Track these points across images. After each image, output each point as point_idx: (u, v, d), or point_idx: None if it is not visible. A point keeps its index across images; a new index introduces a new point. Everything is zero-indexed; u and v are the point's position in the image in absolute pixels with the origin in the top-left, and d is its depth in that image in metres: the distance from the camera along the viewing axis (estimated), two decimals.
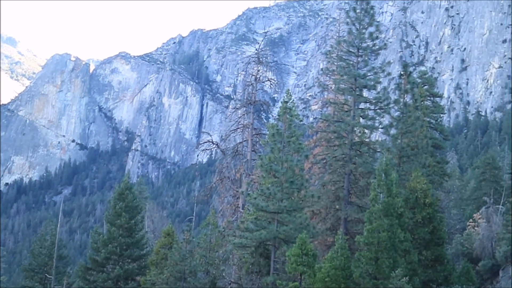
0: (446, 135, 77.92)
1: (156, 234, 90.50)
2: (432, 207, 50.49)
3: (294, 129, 50.91)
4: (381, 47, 60.16)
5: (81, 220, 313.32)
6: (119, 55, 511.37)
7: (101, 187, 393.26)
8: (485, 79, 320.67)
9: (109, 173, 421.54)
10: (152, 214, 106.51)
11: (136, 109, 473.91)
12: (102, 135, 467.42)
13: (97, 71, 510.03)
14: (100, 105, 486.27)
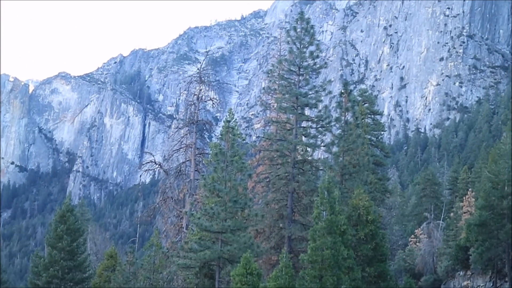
0: (386, 152, 78.78)
1: (99, 256, 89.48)
2: (374, 224, 50.80)
3: (237, 148, 50.88)
4: (322, 65, 60.60)
5: (21, 243, 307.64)
6: (59, 75, 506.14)
7: (41, 210, 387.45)
8: (424, 96, 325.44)
9: (50, 195, 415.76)
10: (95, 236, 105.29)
11: (77, 129, 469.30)
12: (42, 156, 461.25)
13: (37, 92, 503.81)
14: (40, 126, 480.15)
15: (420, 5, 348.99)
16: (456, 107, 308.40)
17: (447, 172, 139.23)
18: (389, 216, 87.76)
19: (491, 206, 63.98)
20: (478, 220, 65.46)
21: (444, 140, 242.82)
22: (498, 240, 63.92)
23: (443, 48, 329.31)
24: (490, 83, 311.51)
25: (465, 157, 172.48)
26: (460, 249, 72.67)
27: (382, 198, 71.40)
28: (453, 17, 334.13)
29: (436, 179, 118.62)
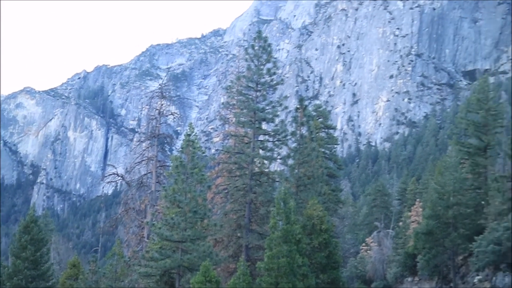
0: (339, 165, 79.23)
1: (62, 265, 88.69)
2: (327, 233, 51.09)
3: (197, 161, 50.85)
4: (278, 82, 60.77)
5: None
6: (24, 90, 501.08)
7: (5, 221, 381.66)
8: (375, 111, 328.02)
9: (14, 206, 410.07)
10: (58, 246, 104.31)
11: (42, 143, 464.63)
12: (7, 168, 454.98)
13: (2, 106, 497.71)
14: (4, 139, 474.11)
15: (372, 25, 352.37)
16: (405, 122, 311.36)
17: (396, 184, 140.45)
18: (342, 225, 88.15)
19: (437, 216, 64.73)
20: (425, 228, 66.19)
21: (393, 153, 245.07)
22: (444, 248, 64.68)
23: (393, 66, 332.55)
24: (437, 100, 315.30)
25: (413, 169, 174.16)
26: (408, 256, 73.32)
27: (335, 208, 71.75)
28: (402, 37, 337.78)
29: (386, 190, 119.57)
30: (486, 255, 50.22)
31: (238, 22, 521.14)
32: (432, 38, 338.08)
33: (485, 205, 64.05)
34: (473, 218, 64.55)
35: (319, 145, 67.55)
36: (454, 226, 64.20)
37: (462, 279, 65.59)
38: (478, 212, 65.04)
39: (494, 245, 49.32)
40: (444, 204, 64.75)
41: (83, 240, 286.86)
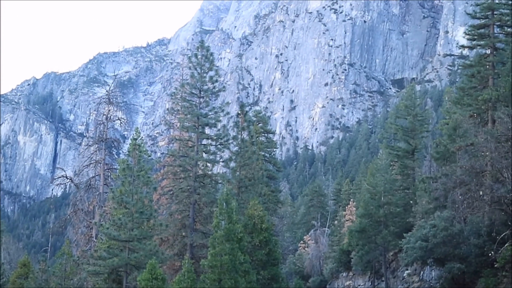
0: (278, 167, 79.48)
1: (13, 265, 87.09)
2: (268, 232, 51.15)
3: (143, 164, 50.46)
4: (221, 89, 60.73)
5: None
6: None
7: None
8: (311, 117, 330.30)
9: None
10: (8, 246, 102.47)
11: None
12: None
13: None
14: None
15: (308, 36, 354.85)
16: (339, 127, 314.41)
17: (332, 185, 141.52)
18: (281, 224, 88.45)
19: (370, 215, 65.45)
20: (358, 227, 66.85)
21: (329, 156, 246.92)
22: (376, 245, 65.41)
23: (327, 74, 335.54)
24: (368, 106, 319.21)
25: (347, 171, 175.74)
26: (343, 253, 73.95)
27: (274, 208, 71.92)
28: (336, 47, 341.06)
29: (322, 191, 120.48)
30: (414, 251, 50.78)
31: (182, 32, 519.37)
32: (364, 48, 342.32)
33: (413, 204, 64.98)
34: (402, 217, 65.46)
35: (259, 148, 67.67)
36: (385, 224, 64.98)
37: (392, 274, 66.36)
38: (407, 211, 65.98)
39: (421, 242, 49.91)
40: (375, 203, 65.49)
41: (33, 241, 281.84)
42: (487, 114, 54.90)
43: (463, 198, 50.38)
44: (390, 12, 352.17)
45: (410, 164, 73.82)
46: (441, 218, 50.60)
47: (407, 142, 74.09)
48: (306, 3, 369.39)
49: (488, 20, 57.68)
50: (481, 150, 49.13)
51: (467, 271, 48.39)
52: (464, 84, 59.69)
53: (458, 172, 51.09)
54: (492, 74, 55.75)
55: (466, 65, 59.73)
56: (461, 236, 49.17)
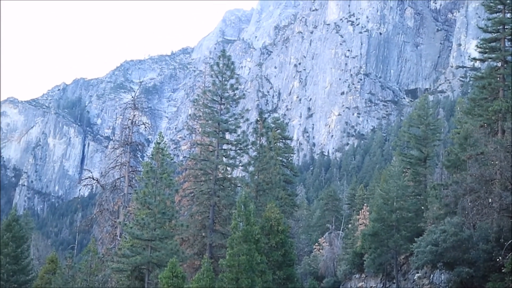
0: (295, 172, 79.42)
1: (41, 261, 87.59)
2: (284, 233, 51.13)
3: (166, 167, 50.68)
4: (241, 96, 60.80)
5: None
6: (8, 100, 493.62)
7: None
8: (327, 124, 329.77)
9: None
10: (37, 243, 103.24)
11: (23, 148, 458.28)
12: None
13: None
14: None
15: (325, 47, 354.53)
16: (354, 134, 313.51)
17: (346, 190, 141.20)
18: (297, 226, 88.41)
19: (382, 219, 65.23)
20: (371, 230, 66.63)
21: (344, 162, 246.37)
22: (388, 248, 65.15)
23: (344, 84, 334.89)
24: (383, 115, 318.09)
25: (361, 177, 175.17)
26: (356, 255, 73.74)
27: (291, 211, 71.86)
28: (352, 58, 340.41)
29: (337, 195, 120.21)
30: (425, 255, 50.60)
31: (205, 41, 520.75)
32: (379, 59, 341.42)
33: (424, 210, 64.70)
34: (414, 222, 65.17)
35: (277, 154, 67.65)
36: (397, 229, 64.72)
37: (403, 276, 66.06)
38: (418, 216, 65.70)
39: (432, 246, 49.73)
40: (388, 208, 65.26)
41: (61, 238, 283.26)
42: (497, 124, 54.62)
43: (473, 205, 50.18)
44: (405, 25, 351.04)
45: (422, 171, 73.56)
46: (451, 223, 50.39)
47: (419, 150, 73.82)
48: (324, 15, 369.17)
49: (499, 34, 57.45)
50: (491, 159, 48.92)
51: (476, 275, 48.13)
52: (475, 95, 59.41)
53: (468, 180, 50.88)
54: (503, 86, 55.51)
55: (478, 77, 59.49)
56: (470, 241, 48.94)
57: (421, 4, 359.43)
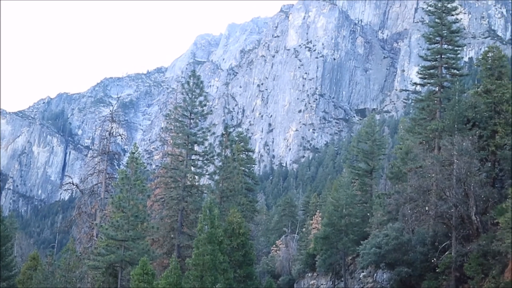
0: (256, 181, 79.44)
1: (24, 258, 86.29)
2: (245, 236, 51.14)
3: (139, 174, 50.46)
4: (208, 112, 61.05)
5: None
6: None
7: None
8: (286, 139, 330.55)
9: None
10: (21, 242, 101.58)
11: (10, 155, 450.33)
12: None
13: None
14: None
15: (285, 69, 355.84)
16: (309, 148, 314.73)
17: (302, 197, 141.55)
18: (257, 230, 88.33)
19: (333, 224, 65.58)
20: (323, 234, 66.96)
21: (300, 173, 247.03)
22: (337, 250, 65.53)
23: (301, 103, 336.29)
24: (335, 131, 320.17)
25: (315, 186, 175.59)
26: (309, 256, 73.92)
27: (251, 216, 71.88)
28: (309, 80, 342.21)
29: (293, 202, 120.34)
30: (369, 256, 51.01)
31: (177, 62, 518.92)
32: (332, 82, 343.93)
33: (370, 216, 65.26)
34: (360, 226, 65.68)
35: (240, 164, 67.70)
36: (345, 233, 65.13)
37: (350, 275, 66.44)
38: (364, 222, 66.23)
39: (375, 248, 50.16)
40: (338, 214, 65.66)
41: (43, 238, 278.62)
42: (434, 141, 55.40)
43: (412, 212, 50.75)
44: (356, 52, 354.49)
45: (368, 182, 74.22)
46: (393, 228, 50.92)
47: (366, 163, 74.49)
48: (285, 41, 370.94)
49: (437, 62, 58.40)
50: (428, 172, 49.54)
51: (413, 275, 48.67)
52: (415, 115, 60.22)
53: (408, 190, 51.49)
54: (439, 108, 56.36)
55: (418, 100, 60.36)
56: (409, 244, 49.49)
57: (370, 34, 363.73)
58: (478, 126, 50.92)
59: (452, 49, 58.44)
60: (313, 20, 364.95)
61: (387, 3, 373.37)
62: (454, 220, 46.26)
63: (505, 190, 44.41)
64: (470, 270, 43.47)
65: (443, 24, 58.17)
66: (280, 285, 77.54)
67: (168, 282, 41.36)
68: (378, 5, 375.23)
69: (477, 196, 45.99)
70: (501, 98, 50.23)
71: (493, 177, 49.75)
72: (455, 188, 46.10)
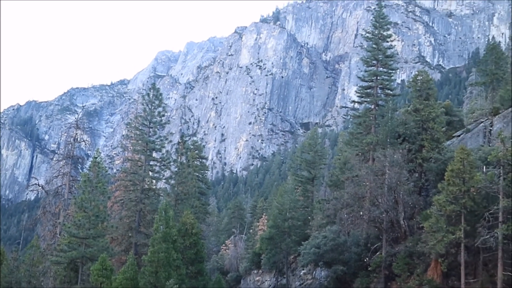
0: (208, 186, 79.17)
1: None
2: (197, 236, 50.94)
3: (101, 178, 49.95)
4: (166, 122, 60.72)
5: None
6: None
7: None
8: (237, 148, 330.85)
9: None
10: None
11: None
12: None
13: None
14: None
15: (238, 85, 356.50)
16: (258, 157, 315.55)
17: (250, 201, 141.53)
18: (208, 230, 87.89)
19: (277, 226, 65.74)
20: (268, 235, 67.06)
21: (249, 179, 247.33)
22: (281, 249, 65.67)
23: (251, 115, 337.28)
24: (281, 142, 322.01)
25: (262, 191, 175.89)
26: (255, 255, 73.93)
27: (203, 217, 71.54)
28: (259, 95, 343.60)
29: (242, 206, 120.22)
30: (309, 256, 51.32)
31: (139, 75, 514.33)
32: (280, 97, 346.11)
33: (311, 220, 65.61)
34: (302, 229, 65.98)
35: (194, 170, 67.45)
36: (288, 234, 65.35)
37: (292, 272, 66.67)
38: (305, 224, 66.56)
39: (315, 248, 50.50)
40: (282, 217, 65.85)
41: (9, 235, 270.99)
42: (369, 153, 56.16)
43: (348, 216, 51.33)
44: (301, 71, 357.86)
45: (310, 189, 74.70)
46: (331, 231, 51.37)
47: (309, 171, 74.98)
48: (238, 59, 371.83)
49: (373, 83, 59.31)
50: (363, 180, 50.16)
51: (348, 272, 49.17)
52: (353, 130, 60.99)
53: (345, 197, 52.03)
54: (374, 123, 57.19)
55: (356, 116, 61.12)
56: (345, 245, 49.99)
57: (315, 56, 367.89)
58: (407, 141, 51.88)
59: (386, 72, 59.45)
60: (264, 41, 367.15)
61: (330, 28, 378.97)
62: (385, 224, 46.98)
63: (430, 198, 45.31)
64: (398, 269, 44.19)
65: (379, 50, 59.16)
66: (228, 281, 77.24)
67: (125, 277, 40.90)
68: (322, 30, 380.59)
69: (406, 203, 46.86)
70: (428, 116, 51.35)
71: (419, 186, 50.71)
72: (386, 196, 46.86)
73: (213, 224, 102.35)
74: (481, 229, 36.42)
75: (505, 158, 35.99)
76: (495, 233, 35.40)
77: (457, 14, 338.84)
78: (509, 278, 35.72)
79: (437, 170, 46.55)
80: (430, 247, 38.86)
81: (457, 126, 65.32)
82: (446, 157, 46.65)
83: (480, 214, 37.15)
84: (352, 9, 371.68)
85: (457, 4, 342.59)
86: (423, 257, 42.72)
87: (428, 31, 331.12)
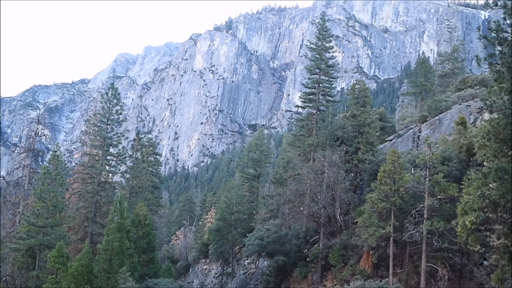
0: (161, 180, 78.61)
1: None
2: (149, 226, 50.50)
3: (60, 170, 49.03)
4: (123, 120, 60.09)
5: None
6: None
7: None
8: (189, 146, 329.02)
9: None
10: None
11: None
12: None
13: None
14: None
15: (191, 87, 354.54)
16: (208, 155, 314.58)
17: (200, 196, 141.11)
18: (160, 222, 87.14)
19: (224, 219, 65.82)
20: (216, 227, 67.04)
21: (199, 175, 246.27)
22: (227, 240, 65.77)
23: (203, 116, 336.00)
24: (230, 141, 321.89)
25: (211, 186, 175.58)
26: (204, 245, 73.83)
27: (156, 210, 70.94)
28: (211, 97, 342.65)
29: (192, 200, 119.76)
30: (253, 247, 51.48)
31: (99, 75, 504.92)
32: (230, 100, 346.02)
33: (255, 213, 65.91)
34: (247, 222, 66.26)
35: (148, 165, 66.78)
36: (234, 226, 65.52)
37: (237, 262, 66.85)
38: (250, 218, 66.86)
39: (258, 240, 50.70)
40: (229, 211, 65.98)
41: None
42: (310, 154, 56.75)
43: (290, 211, 51.68)
44: (251, 77, 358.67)
45: (255, 185, 75.03)
46: (273, 224, 51.67)
47: (255, 169, 75.29)
48: (192, 64, 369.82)
49: (315, 90, 59.99)
50: (304, 178, 50.64)
51: (288, 262, 49.57)
52: (296, 132, 61.51)
53: (287, 193, 52.39)
54: (316, 127, 57.86)
55: (299, 119, 61.69)
56: (286, 238, 50.34)
57: (263, 63, 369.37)
58: (345, 143, 52.68)
59: (328, 80, 60.22)
60: (217, 48, 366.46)
61: (278, 38, 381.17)
62: (323, 219, 47.57)
63: (363, 196, 46.11)
64: (333, 260, 44.83)
65: (321, 59, 59.87)
66: (178, 269, 76.83)
67: (81, 264, 40.21)
68: (271, 39, 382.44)
69: (342, 200, 47.58)
70: (364, 122, 52.32)
71: (355, 185, 51.56)
72: (325, 193, 47.47)
73: (165, 216, 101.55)
74: (408, 225, 37.37)
75: (431, 161, 37.05)
76: (420, 228, 36.39)
77: (392, 30, 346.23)
78: (431, 268, 36.76)
79: (371, 171, 47.41)
80: (363, 240, 39.61)
81: (389, 131, 66.82)
82: (379, 159, 47.57)
83: (408, 211, 38.10)
84: (299, 21, 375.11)
85: (392, 21, 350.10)
86: (356, 249, 43.50)
87: (366, 44, 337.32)
